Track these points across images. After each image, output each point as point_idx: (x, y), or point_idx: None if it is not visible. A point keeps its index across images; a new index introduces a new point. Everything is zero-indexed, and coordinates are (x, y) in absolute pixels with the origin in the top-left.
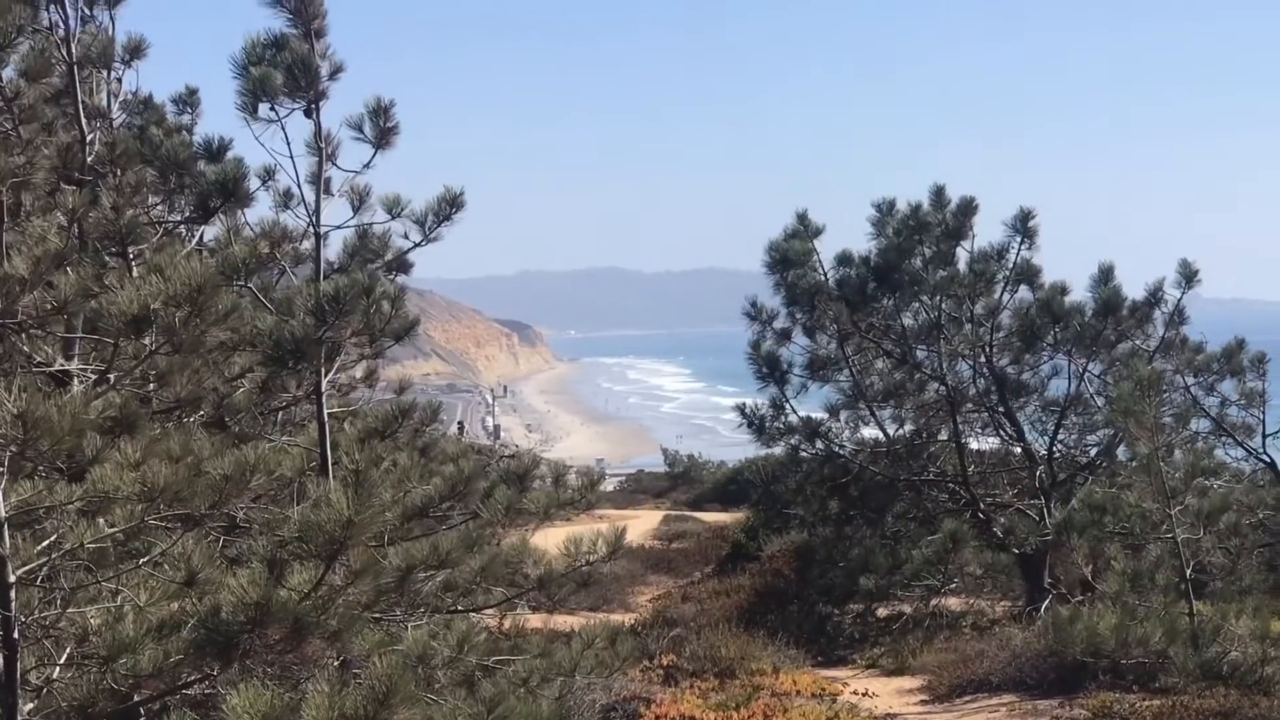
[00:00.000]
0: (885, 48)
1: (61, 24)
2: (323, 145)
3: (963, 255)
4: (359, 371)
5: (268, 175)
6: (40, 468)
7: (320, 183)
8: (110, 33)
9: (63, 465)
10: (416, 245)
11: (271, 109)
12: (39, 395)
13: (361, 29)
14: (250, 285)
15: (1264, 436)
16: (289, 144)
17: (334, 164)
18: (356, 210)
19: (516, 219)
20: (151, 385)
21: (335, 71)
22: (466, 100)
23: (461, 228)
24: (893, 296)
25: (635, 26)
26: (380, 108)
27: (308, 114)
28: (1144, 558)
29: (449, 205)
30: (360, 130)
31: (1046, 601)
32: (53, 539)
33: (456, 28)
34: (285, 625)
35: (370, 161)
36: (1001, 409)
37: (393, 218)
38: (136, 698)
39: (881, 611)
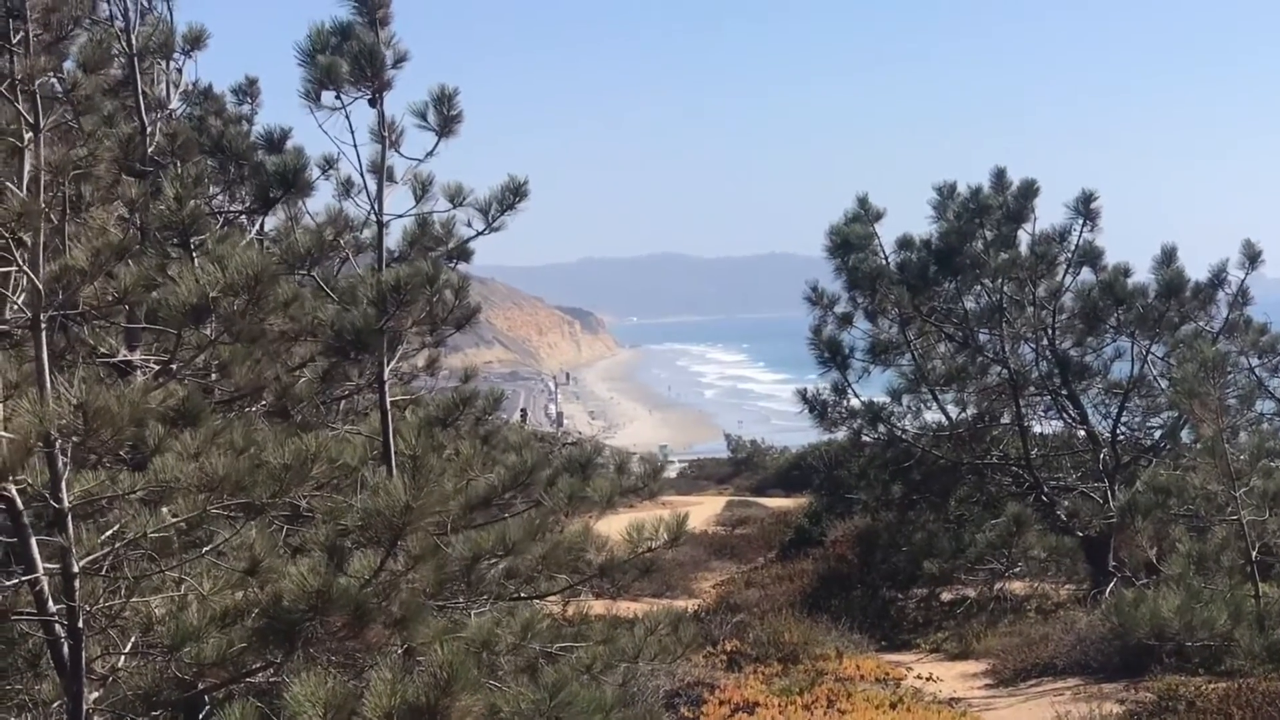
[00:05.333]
0: (946, 23)
1: (121, 15)
2: (386, 133)
3: (1024, 238)
4: (421, 360)
5: (328, 164)
6: (103, 458)
7: (383, 171)
8: (170, 23)
9: (125, 456)
10: (479, 234)
11: (336, 97)
12: (99, 386)
13: (418, 20)
14: (312, 274)
15: None
16: (352, 132)
17: (397, 151)
18: (419, 199)
19: (579, 207)
20: (213, 375)
21: (399, 60)
22: (529, 90)
23: (523, 216)
24: (954, 280)
25: (695, 13)
26: (444, 95)
27: (372, 103)
28: (1209, 540)
29: (512, 194)
30: (424, 118)
31: (1111, 584)
32: (116, 529)
33: (515, 19)
34: (347, 612)
35: (434, 149)
36: (1064, 392)
37: (455, 206)
38: (200, 686)
39: (945, 595)
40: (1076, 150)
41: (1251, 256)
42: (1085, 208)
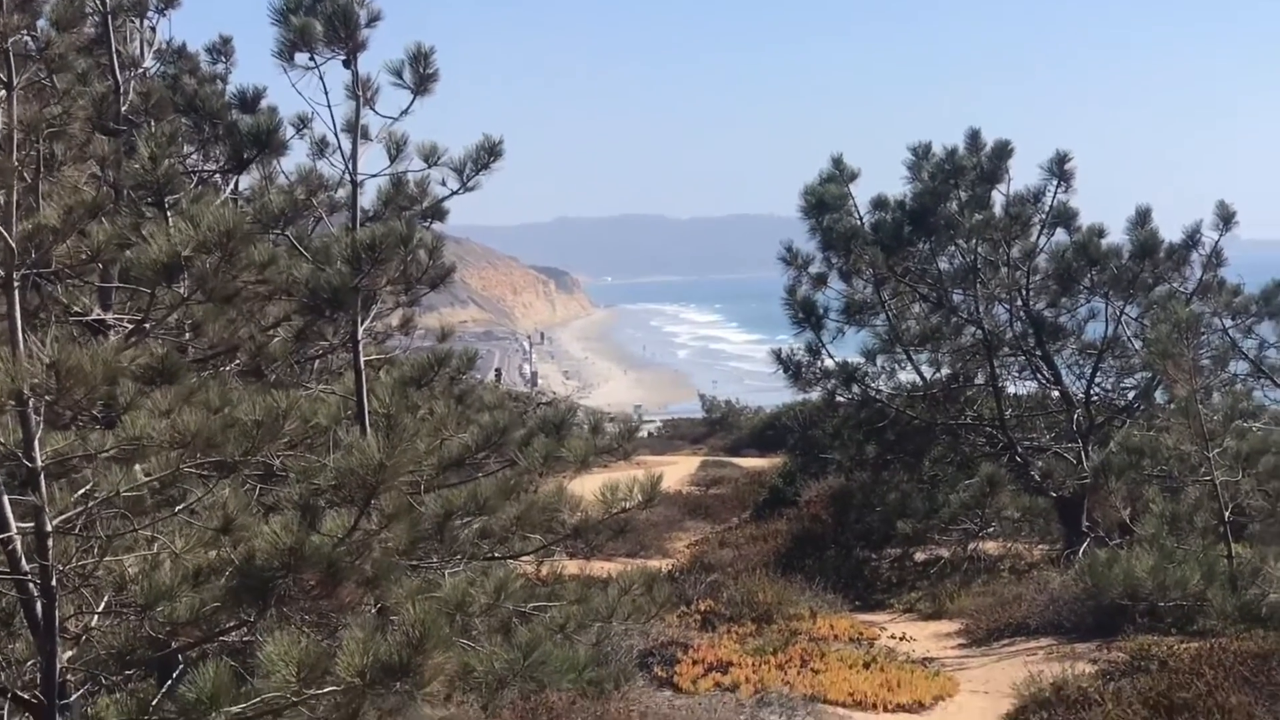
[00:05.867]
0: None
1: None
2: (361, 93)
3: (998, 199)
4: (395, 319)
5: (302, 124)
6: (77, 417)
7: (357, 130)
8: None
9: (99, 414)
10: (454, 193)
11: (310, 58)
12: (72, 345)
13: None
14: (287, 234)
15: None
16: (326, 92)
17: (372, 110)
18: (393, 159)
19: (554, 166)
20: (187, 334)
21: (373, 19)
22: (501, 49)
23: (499, 175)
24: (928, 240)
25: None
26: (420, 53)
27: (346, 63)
28: (1182, 500)
29: (487, 154)
30: (399, 76)
31: (1084, 545)
32: (89, 487)
33: None
34: (320, 571)
35: (409, 107)
36: (1038, 352)
37: (430, 166)
38: (174, 645)
39: (919, 556)
40: (1055, 112)
41: (1225, 218)
42: (1059, 168)
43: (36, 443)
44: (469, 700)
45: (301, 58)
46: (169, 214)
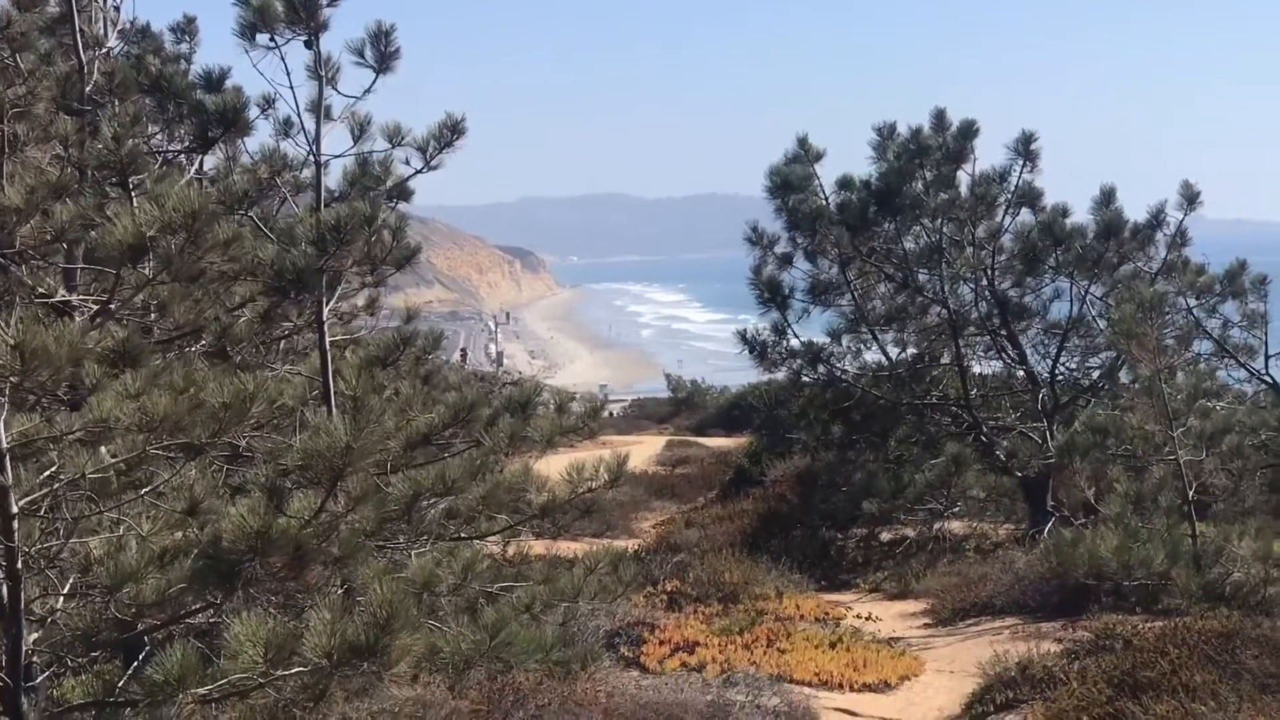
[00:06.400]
0: None
1: None
2: (323, 72)
3: (964, 179)
4: (361, 300)
5: (267, 104)
6: (43, 399)
7: (320, 110)
8: None
9: (64, 396)
10: (418, 172)
11: (271, 38)
12: (37, 326)
13: None
14: (251, 214)
15: (1266, 358)
16: (289, 73)
17: (335, 89)
18: (357, 138)
19: (520, 145)
20: (152, 315)
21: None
22: (464, 28)
23: (464, 155)
24: (894, 220)
25: None
26: (381, 31)
27: (308, 44)
28: (1146, 480)
29: (450, 132)
30: (361, 55)
31: (1049, 524)
32: (54, 469)
33: None
34: (286, 552)
35: (372, 85)
36: (1004, 332)
37: (394, 145)
38: (140, 627)
39: (885, 535)
40: (1019, 93)
41: (1190, 198)
42: (1025, 148)
43: (1, 424)
44: (436, 681)
45: (263, 38)
46: (134, 194)
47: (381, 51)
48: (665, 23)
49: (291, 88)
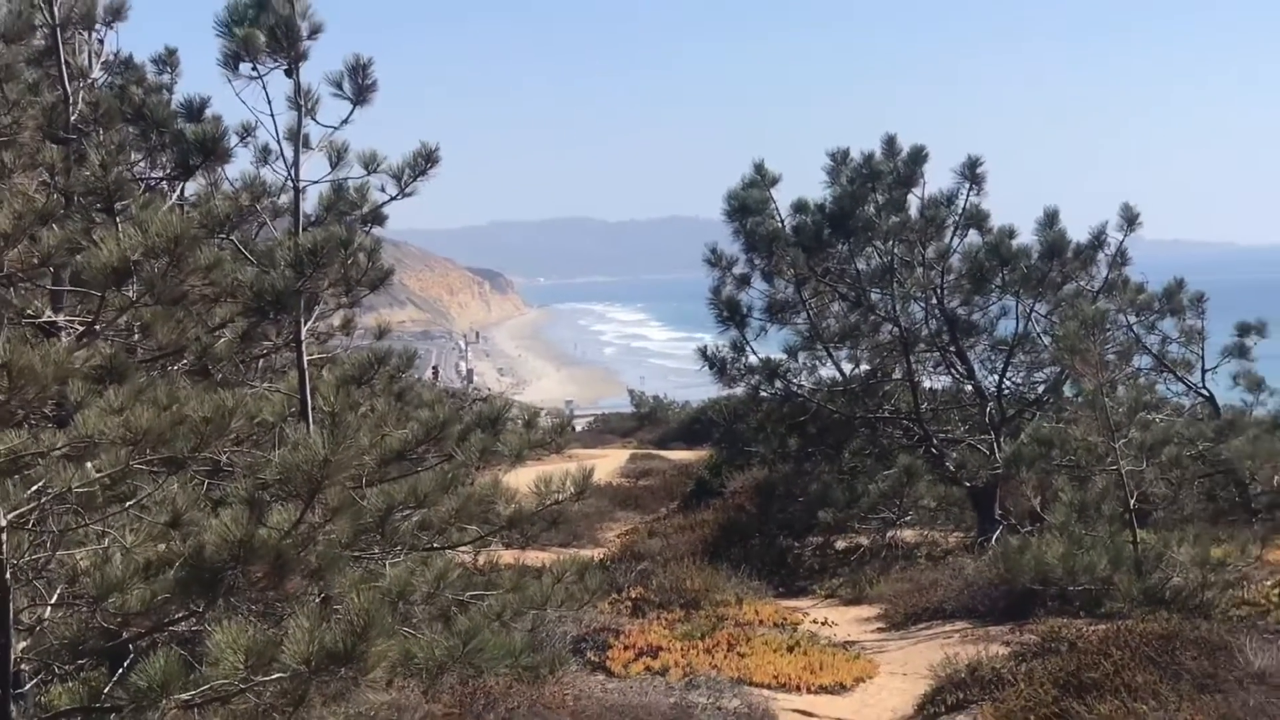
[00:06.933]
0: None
1: None
2: (302, 102)
3: (914, 202)
4: (337, 320)
5: (247, 132)
6: (30, 416)
7: (299, 138)
8: None
9: (51, 413)
10: (393, 199)
11: (253, 68)
12: (23, 346)
13: None
14: (232, 238)
15: (1203, 372)
16: (269, 101)
17: (314, 119)
18: (334, 165)
19: (491, 170)
20: (136, 335)
21: (314, 31)
22: (437, 58)
23: (436, 181)
24: (847, 242)
25: None
26: (359, 65)
27: (288, 73)
28: (1090, 489)
29: (424, 160)
30: (339, 87)
31: (997, 532)
32: (41, 484)
33: None
34: (266, 562)
35: (349, 117)
36: (953, 348)
37: (369, 173)
38: (125, 635)
39: (840, 544)
40: (961, 115)
41: (1130, 219)
42: (971, 173)
43: None
44: (410, 685)
45: (245, 67)
46: (118, 220)
47: (359, 84)
48: (632, 55)
49: (272, 115)
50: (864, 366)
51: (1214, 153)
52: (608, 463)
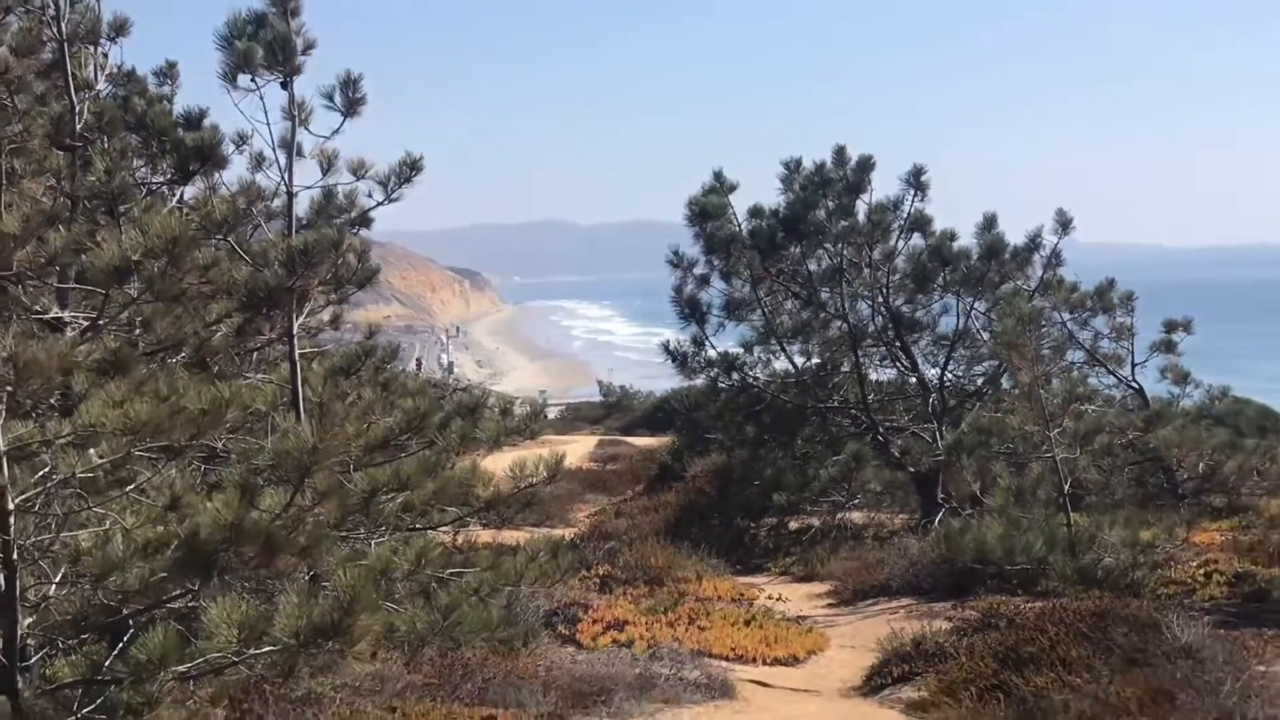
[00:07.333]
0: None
1: (51, 4)
2: (296, 113)
3: (862, 207)
4: (326, 315)
5: (242, 140)
6: (37, 406)
7: (292, 147)
8: (97, 11)
9: (56, 403)
10: (380, 204)
11: (252, 80)
12: (30, 340)
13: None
14: (228, 239)
15: (1133, 366)
16: (265, 111)
17: (306, 129)
18: (325, 172)
19: (472, 176)
20: (137, 330)
21: (308, 47)
22: (423, 66)
23: (420, 186)
24: (799, 245)
25: None
26: (350, 79)
27: (284, 86)
28: (1026, 475)
29: (409, 168)
30: (331, 99)
31: (940, 515)
32: (47, 470)
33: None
34: (258, 543)
35: (339, 128)
36: (898, 343)
37: (358, 179)
38: (125, 611)
39: (792, 524)
40: (907, 121)
41: (1064, 223)
42: (916, 180)
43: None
44: (393, 657)
45: (244, 80)
46: (121, 222)
47: (349, 97)
48: (602, 66)
49: (268, 124)
50: (815, 360)
51: (1147, 163)
52: (578, 448)
